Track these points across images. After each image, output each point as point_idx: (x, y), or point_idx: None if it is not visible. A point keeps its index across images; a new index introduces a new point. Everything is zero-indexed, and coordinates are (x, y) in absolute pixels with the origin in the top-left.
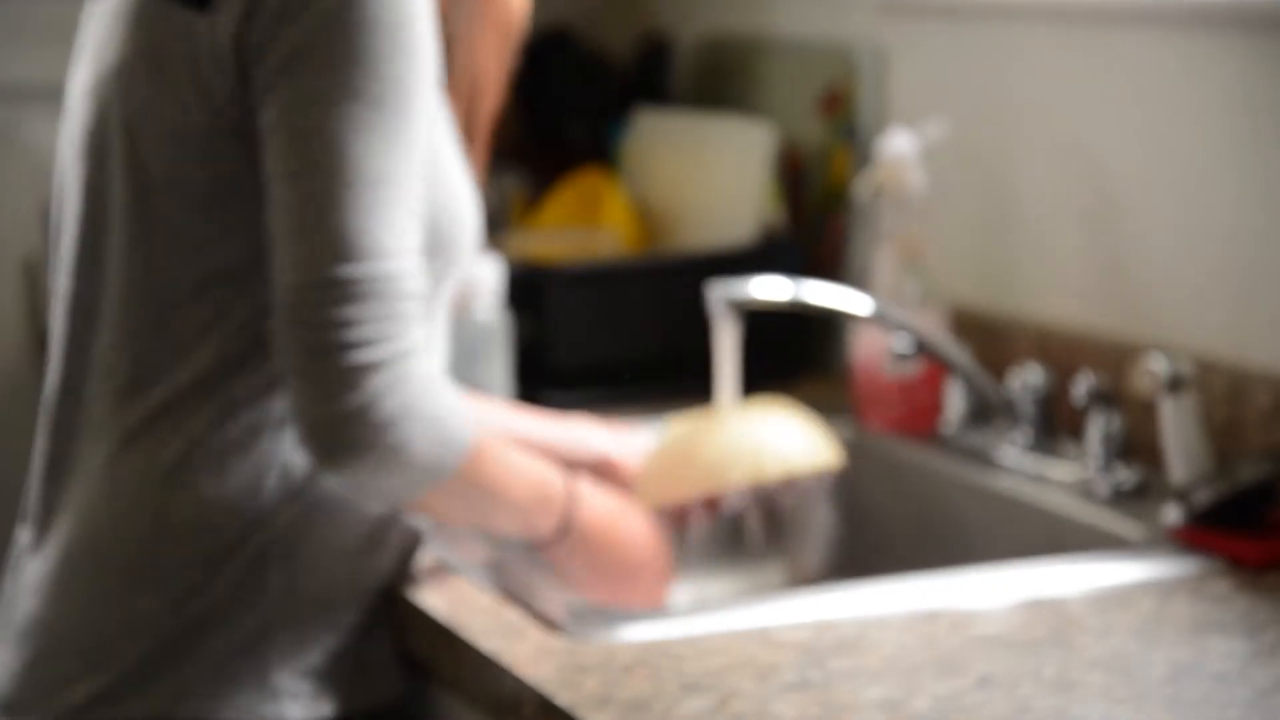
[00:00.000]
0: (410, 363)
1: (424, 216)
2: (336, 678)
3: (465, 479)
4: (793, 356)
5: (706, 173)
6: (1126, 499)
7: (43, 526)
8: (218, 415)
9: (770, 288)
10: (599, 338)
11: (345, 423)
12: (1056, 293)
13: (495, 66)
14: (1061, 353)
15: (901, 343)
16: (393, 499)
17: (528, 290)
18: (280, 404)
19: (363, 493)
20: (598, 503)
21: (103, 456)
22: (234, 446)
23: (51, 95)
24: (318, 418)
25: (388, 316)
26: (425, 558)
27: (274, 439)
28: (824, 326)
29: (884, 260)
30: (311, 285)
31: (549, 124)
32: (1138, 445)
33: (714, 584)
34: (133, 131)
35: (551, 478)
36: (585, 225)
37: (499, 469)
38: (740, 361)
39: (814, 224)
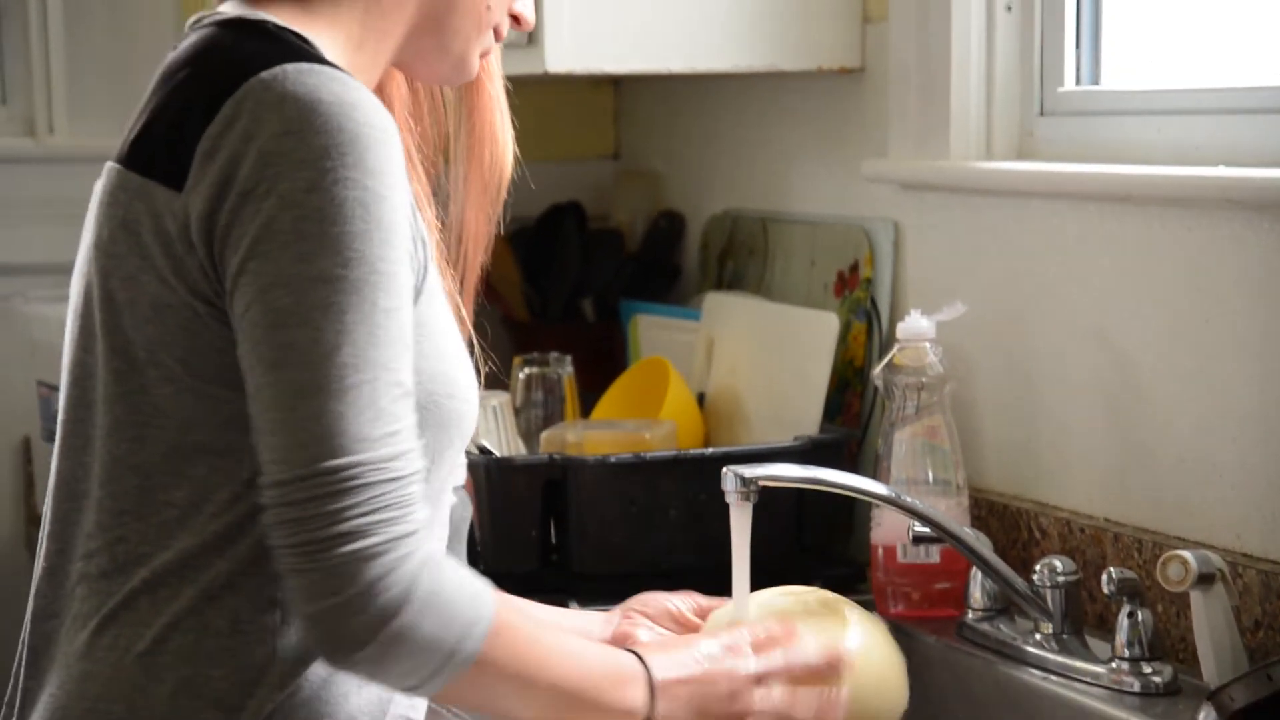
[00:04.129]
0: (409, 546)
1: (417, 391)
2: None
3: (496, 663)
4: (811, 540)
5: (774, 363)
6: (1157, 698)
7: (19, 718)
8: (200, 598)
9: (786, 469)
10: (623, 538)
11: (343, 616)
12: (1080, 480)
13: (484, 224)
14: (1087, 542)
15: (920, 528)
16: (416, 689)
17: (551, 486)
18: (267, 587)
19: (384, 684)
20: (673, 658)
21: (80, 641)
22: (216, 631)
23: (47, 272)
24: (316, 615)
25: (379, 505)
26: None
27: (260, 623)
28: (843, 510)
29: (902, 443)
30: (295, 482)
31: (560, 302)
32: (1169, 641)
33: None
34: (116, 306)
35: (616, 653)
36: (644, 416)
37: (540, 649)
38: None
39: (831, 405)
